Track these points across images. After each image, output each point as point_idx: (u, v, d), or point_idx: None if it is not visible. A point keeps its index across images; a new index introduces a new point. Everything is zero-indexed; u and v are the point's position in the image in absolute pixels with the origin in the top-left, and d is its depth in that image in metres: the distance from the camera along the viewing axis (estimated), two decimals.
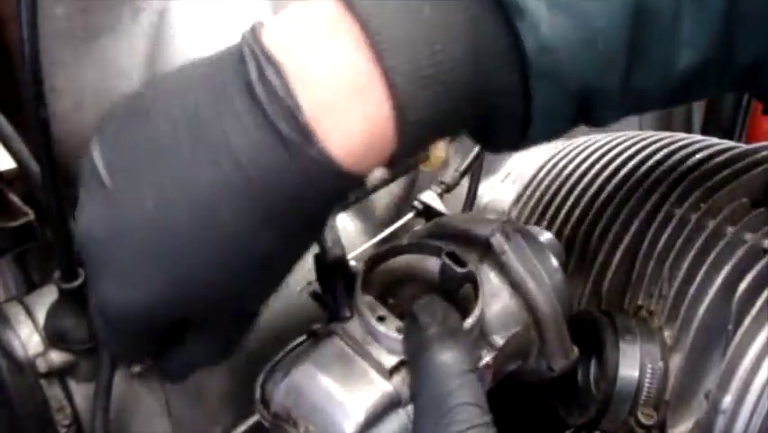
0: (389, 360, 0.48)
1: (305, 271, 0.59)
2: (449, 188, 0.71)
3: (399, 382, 0.48)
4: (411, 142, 0.41)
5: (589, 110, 0.44)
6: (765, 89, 0.53)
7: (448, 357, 0.45)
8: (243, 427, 0.63)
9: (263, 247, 0.41)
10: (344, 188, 0.41)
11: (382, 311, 0.49)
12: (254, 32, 0.40)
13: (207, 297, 0.42)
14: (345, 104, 0.39)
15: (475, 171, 0.77)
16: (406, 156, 0.42)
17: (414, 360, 0.47)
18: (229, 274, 0.41)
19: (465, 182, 0.77)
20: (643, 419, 0.57)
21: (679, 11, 0.42)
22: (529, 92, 0.41)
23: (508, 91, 0.41)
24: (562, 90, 0.42)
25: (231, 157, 0.38)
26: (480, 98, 0.41)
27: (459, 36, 0.39)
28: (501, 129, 0.44)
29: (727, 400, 0.55)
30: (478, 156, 0.72)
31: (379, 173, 0.42)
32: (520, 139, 0.45)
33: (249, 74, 0.39)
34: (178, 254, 0.40)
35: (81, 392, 0.59)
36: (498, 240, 0.54)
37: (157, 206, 0.39)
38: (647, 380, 0.58)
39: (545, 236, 0.60)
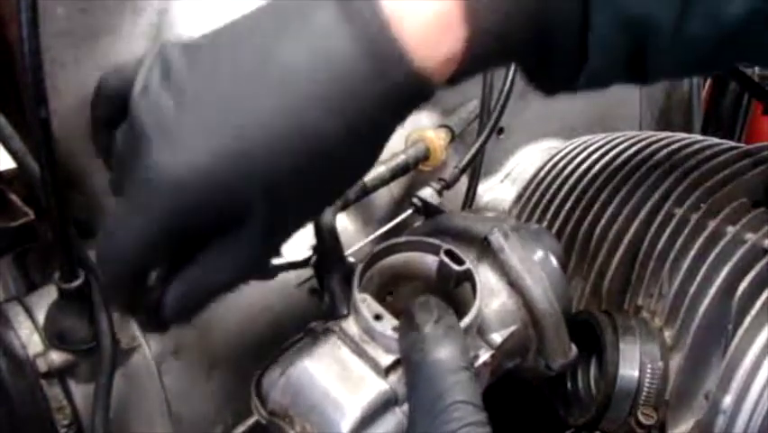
0: (386, 358, 0.48)
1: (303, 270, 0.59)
2: (448, 185, 0.71)
3: (395, 380, 0.48)
4: (477, 50, 0.42)
5: (641, 51, 0.45)
6: None
7: (443, 355, 0.45)
8: (243, 427, 0.64)
9: (329, 137, 0.42)
10: (417, 92, 0.42)
11: (379, 309, 0.50)
12: None
13: (266, 178, 0.41)
14: (431, 14, 0.41)
15: (475, 168, 0.76)
16: (470, 72, 0.44)
17: (408, 358, 0.47)
18: (289, 157, 0.41)
19: (464, 179, 0.77)
20: (643, 419, 0.57)
21: None
22: (588, 21, 0.42)
23: (569, 17, 0.43)
24: (618, 19, 0.43)
25: (313, 43, 0.41)
26: (543, 19, 0.43)
27: None
28: (559, 61, 0.45)
29: (727, 400, 0.55)
30: (477, 153, 0.72)
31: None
32: (575, 76, 0.45)
33: None
34: (246, 127, 0.41)
35: (81, 392, 0.59)
36: (496, 238, 0.54)
37: (236, 82, 0.41)
38: (647, 380, 0.58)
39: (544, 235, 0.60)
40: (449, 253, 0.51)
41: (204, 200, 0.41)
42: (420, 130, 0.73)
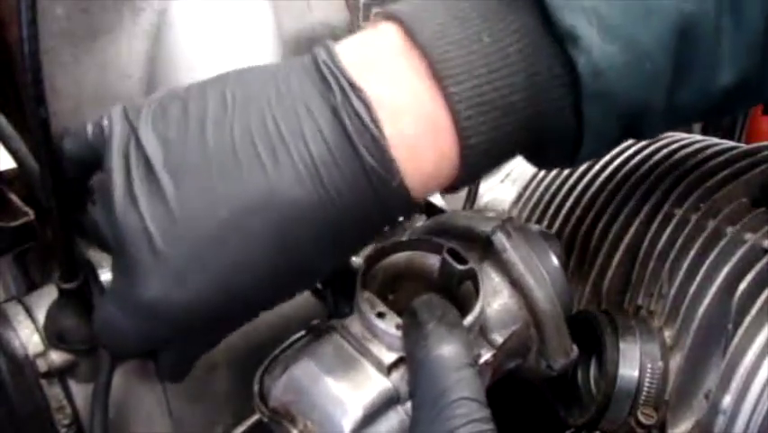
0: (388, 357, 0.48)
1: None
2: None
3: (398, 378, 0.48)
4: (472, 168, 0.43)
5: (635, 127, 0.46)
6: None
7: (446, 352, 0.45)
8: (243, 427, 0.64)
9: (319, 262, 0.43)
10: (406, 212, 0.44)
11: (382, 307, 0.49)
12: (330, 52, 0.41)
13: (251, 303, 0.44)
14: (422, 136, 0.41)
15: None
16: (464, 184, 0.45)
17: (412, 355, 0.47)
18: (281, 286, 0.43)
19: None
20: (643, 419, 0.57)
21: (719, 31, 0.43)
22: (581, 114, 0.43)
23: (563, 114, 0.43)
24: (611, 110, 0.43)
25: (314, 176, 0.40)
26: (535, 122, 0.43)
27: (516, 63, 0.41)
28: (554, 150, 0.46)
29: (727, 400, 0.55)
30: None
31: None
32: (571, 159, 0.47)
33: (333, 97, 0.40)
34: (241, 264, 0.41)
35: (81, 392, 0.59)
36: (499, 238, 0.54)
37: (232, 215, 0.40)
38: (647, 380, 0.58)
39: (546, 235, 0.60)
40: (452, 252, 0.51)
41: (194, 328, 0.44)
42: None
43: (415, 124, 0.41)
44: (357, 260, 0.54)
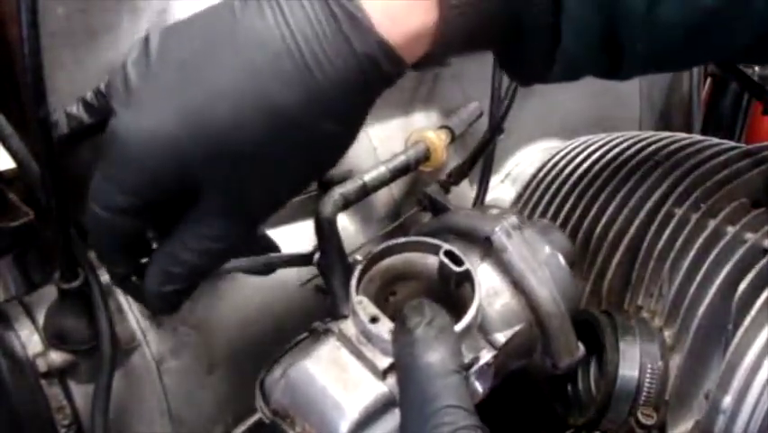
0: (383, 361, 0.48)
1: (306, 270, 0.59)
2: (455, 182, 0.71)
3: (393, 382, 0.48)
4: (448, 31, 0.42)
5: (615, 36, 0.44)
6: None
7: (433, 359, 0.44)
8: (243, 427, 0.64)
9: (302, 118, 0.42)
10: (386, 67, 0.42)
11: (375, 312, 0.49)
12: None
13: (225, 147, 0.42)
14: None
15: (486, 165, 0.76)
16: (442, 54, 0.44)
17: (400, 361, 0.46)
18: (258, 132, 0.41)
19: (465, 180, 0.77)
20: (643, 419, 0.57)
21: None
22: (560, 2, 0.42)
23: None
24: (591, 0, 0.43)
25: (278, 14, 0.41)
26: (514, 3, 0.42)
27: None
28: (531, 47, 0.45)
29: (727, 400, 0.55)
30: (487, 144, 0.71)
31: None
32: (550, 61, 0.45)
33: None
34: (207, 94, 0.41)
35: (81, 392, 0.59)
36: (498, 237, 0.54)
37: (203, 53, 0.42)
38: (647, 380, 0.58)
39: (553, 231, 0.60)
40: (448, 254, 0.51)
41: (164, 165, 0.42)
42: (420, 131, 0.73)
43: None
44: (358, 258, 0.54)
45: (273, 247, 0.56)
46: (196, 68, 0.41)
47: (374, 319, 0.49)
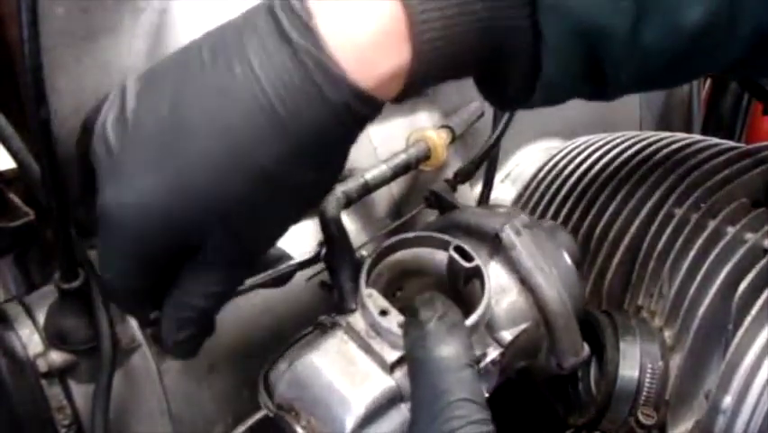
0: (391, 355, 0.48)
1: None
2: (463, 180, 0.71)
3: (401, 376, 0.48)
4: (424, 67, 0.41)
5: (598, 62, 0.43)
6: (763, 70, 0.53)
7: (446, 352, 0.45)
8: (243, 427, 0.63)
9: (281, 171, 0.41)
10: (361, 110, 0.41)
11: (385, 305, 0.49)
12: None
13: (209, 208, 0.42)
14: (357, 13, 0.40)
15: (491, 163, 0.76)
16: (417, 87, 0.43)
17: (411, 355, 0.47)
18: (241, 191, 0.41)
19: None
20: (643, 419, 0.57)
21: None
22: (539, 30, 0.41)
23: (518, 26, 0.41)
24: (569, 25, 0.41)
25: (249, 77, 0.40)
26: (491, 32, 0.41)
27: None
28: (511, 74, 0.44)
29: (727, 400, 0.55)
30: (495, 143, 0.71)
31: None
32: (531, 89, 0.44)
33: (273, 2, 0.40)
34: (186, 162, 0.41)
35: (81, 392, 0.59)
36: (507, 235, 0.53)
37: (176, 112, 0.41)
38: (647, 380, 0.58)
39: (559, 232, 0.60)
40: (458, 250, 0.51)
41: (156, 234, 0.42)
42: (421, 130, 0.73)
43: (353, 8, 0.40)
44: (365, 254, 0.54)
45: (283, 257, 0.56)
46: (172, 131, 0.41)
47: (383, 312, 0.49)
